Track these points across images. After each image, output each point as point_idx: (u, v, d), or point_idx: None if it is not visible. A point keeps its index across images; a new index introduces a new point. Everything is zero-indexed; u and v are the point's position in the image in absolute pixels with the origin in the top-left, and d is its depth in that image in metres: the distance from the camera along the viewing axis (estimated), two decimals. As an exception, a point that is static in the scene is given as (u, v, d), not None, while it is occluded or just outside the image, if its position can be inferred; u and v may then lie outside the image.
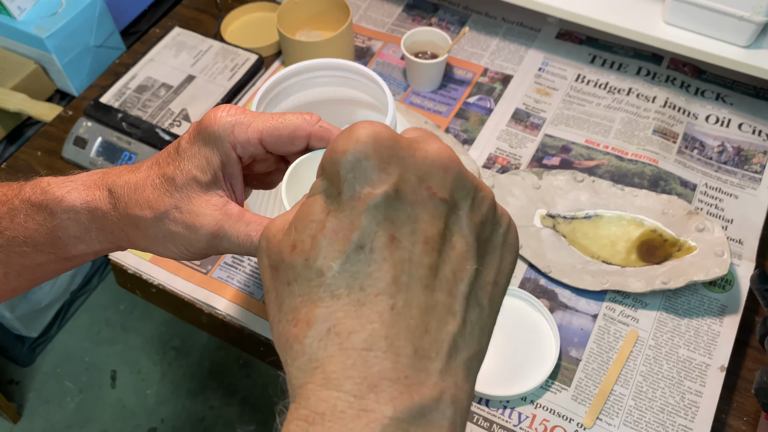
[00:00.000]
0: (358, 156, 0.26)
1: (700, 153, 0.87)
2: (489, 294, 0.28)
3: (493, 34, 1.03)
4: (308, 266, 0.26)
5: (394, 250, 0.25)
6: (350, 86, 0.63)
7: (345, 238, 0.25)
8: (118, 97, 0.95)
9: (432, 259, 0.26)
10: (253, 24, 1.07)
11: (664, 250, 0.76)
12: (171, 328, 1.60)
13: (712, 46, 0.85)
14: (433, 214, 0.26)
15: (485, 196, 0.28)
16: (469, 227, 0.27)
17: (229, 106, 0.38)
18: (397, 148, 0.26)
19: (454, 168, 0.27)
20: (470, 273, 0.27)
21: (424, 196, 0.26)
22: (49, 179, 0.41)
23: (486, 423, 0.68)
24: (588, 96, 0.94)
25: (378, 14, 1.07)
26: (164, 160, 0.39)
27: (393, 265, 0.25)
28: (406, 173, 0.26)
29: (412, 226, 0.26)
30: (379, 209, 0.25)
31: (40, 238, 0.41)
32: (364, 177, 0.26)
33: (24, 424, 1.48)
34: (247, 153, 0.38)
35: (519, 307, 0.74)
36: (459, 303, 0.26)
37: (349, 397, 0.24)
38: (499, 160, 0.88)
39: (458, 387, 0.26)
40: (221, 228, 0.37)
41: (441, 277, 0.26)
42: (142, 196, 0.38)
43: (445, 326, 0.26)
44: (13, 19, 1.01)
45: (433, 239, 0.26)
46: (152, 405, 1.50)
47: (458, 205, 0.27)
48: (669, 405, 0.68)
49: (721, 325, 0.73)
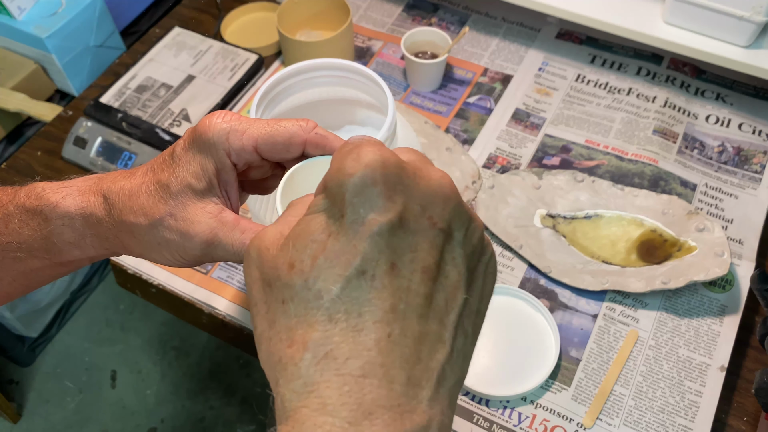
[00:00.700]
0: (366, 181, 0.26)
1: (700, 153, 0.87)
2: (473, 322, 0.29)
3: (493, 34, 1.03)
4: (307, 287, 0.26)
5: (394, 278, 0.26)
6: (350, 86, 0.63)
7: (347, 262, 0.25)
8: (118, 97, 0.95)
9: (428, 288, 0.26)
10: (253, 24, 1.07)
11: (664, 250, 0.76)
12: (171, 328, 1.60)
13: (712, 46, 0.85)
14: (431, 243, 0.27)
15: (477, 226, 0.29)
16: (462, 257, 0.28)
17: (225, 112, 0.38)
18: (404, 175, 0.26)
19: (454, 198, 0.27)
20: (460, 302, 0.27)
21: (425, 225, 0.26)
22: (44, 184, 0.41)
23: (486, 423, 0.68)
24: (588, 96, 0.94)
25: (378, 14, 1.07)
26: (159, 167, 0.39)
27: (392, 293, 0.26)
28: (410, 202, 0.26)
29: (412, 255, 0.26)
30: (383, 237, 0.26)
31: (35, 243, 0.41)
32: (370, 203, 0.26)
33: (24, 424, 1.48)
34: (242, 160, 0.38)
35: (519, 307, 0.74)
36: (449, 332, 0.27)
37: (344, 424, 0.24)
38: (499, 160, 0.88)
39: (444, 414, 0.26)
40: (216, 236, 0.37)
41: (434, 306, 0.27)
42: (136, 203, 0.38)
43: (435, 354, 0.26)
44: (13, 19, 1.01)
45: (430, 268, 0.26)
46: (152, 405, 1.50)
47: (453, 235, 0.27)
48: (669, 405, 0.68)
49: (721, 325, 0.73)
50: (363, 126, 0.67)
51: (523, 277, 0.77)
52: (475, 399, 0.70)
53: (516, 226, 0.80)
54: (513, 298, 0.74)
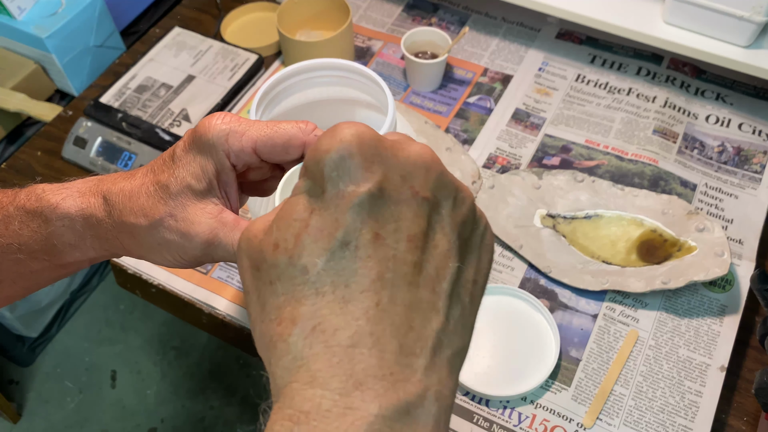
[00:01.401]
0: (343, 154, 0.26)
1: (700, 153, 0.87)
2: (470, 292, 0.28)
3: (493, 34, 1.03)
4: (292, 264, 0.26)
5: (379, 247, 0.26)
6: (350, 86, 0.63)
7: (329, 235, 0.26)
8: (118, 97, 0.95)
9: (416, 257, 0.26)
10: (253, 24, 1.07)
11: (664, 250, 0.76)
12: (171, 328, 1.60)
13: (712, 46, 0.85)
14: (416, 212, 0.26)
15: (466, 196, 0.29)
16: (451, 226, 0.27)
17: (224, 113, 0.38)
18: (381, 147, 0.27)
19: (436, 168, 0.27)
20: (452, 271, 0.27)
21: (408, 194, 0.26)
22: (44, 186, 0.41)
23: (486, 423, 0.68)
24: (588, 96, 0.94)
25: (378, 14, 1.07)
26: (159, 168, 0.39)
27: (378, 262, 0.25)
28: (389, 172, 0.26)
29: (396, 224, 0.26)
30: (364, 207, 0.26)
31: (35, 245, 0.41)
32: (348, 175, 0.26)
33: (24, 424, 1.48)
34: (242, 161, 0.38)
35: (519, 307, 0.74)
36: (442, 300, 0.27)
37: (335, 395, 0.24)
38: (499, 160, 0.88)
39: (442, 383, 0.26)
40: (216, 236, 0.37)
41: (424, 274, 0.26)
42: (136, 204, 0.38)
43: (429, 323, 0.26)
44: (13, 19, 1.01)
45: (416, 237, 0.26)
46: (152, 405, 1.50)
47: (440, 204, 0.27)
48: (669, 405, 0.68)
49: (721, 325, 0.73)
50: (363, 126, 0.68)
51: (523, 277, 0.77)
52: (475, 399, 0.70)
53: (516, 226, 0.80)
54: (513, 298, 0.74)
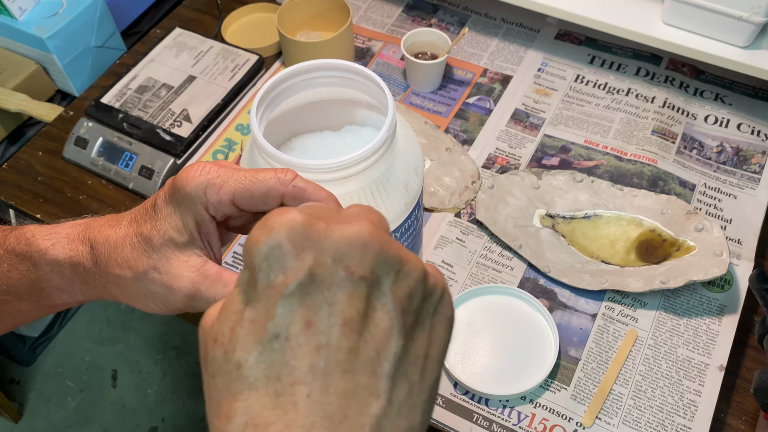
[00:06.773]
0: (271, 244, 0.26)
1: (699, 153, 0.87)
2: (420, 367, 0.27)
3: (492, 34, 1.03)
4: (227, 359, 0.26)
5: (311, 336, 0.25)
6: (350, 87, 0.63)
7: (261, 328, 0.25)
8: (119, 97, 0.95)
9: (351, 341, 0.25)
10: (253, 24, 1.07)
11: (663, 249, 0.76)
12: (172, 327, 1.60)
13: (711, 47, 0.85)
14: (351, 293, 0.26)
15: (412, 268, 0.27)
16: (394, 302, 0.26)
17: (204, 164, 0.38)
18: (312, 232, 0.26)
19: (374, 244, 0.26)
20: (395, 350, 0.26)
21: (342, 276, 0.26)
22: (34, 229, 0.41)
23: (486, 422, 0.68)
24: (587, 96, 0.94)
25: (378, 15, 1.07)
26: (142, 218, 0.39)
27: (309, 351, 0.25)
28: (321, 256, 0.26)
29: (330, 309, 0.25)
30: (294, 296, 0.25)
31: (23, 287, 0.41)
32: (277, 265, 0.26)
33: (25, 424, 1.49)
34: (220, 213, 0.38)
35: (518, 307, 0.74)
36: (383, 383, 0.26)
37: None
38: (499, 160, 0.88)
39: None
40: (198, 290, 0.38)
41: (363, 358, 0.26)
42: (121, 256, 0.38)
43: (367, 409, 0.25)
44: (14, 19, 1.02)
45: (351, 320, 0.26)
46: (153, 404, 1.50)
47: (380, 280, 0.26)
48: (668, 404, 0.68)
49: (720, 325, 0.73)
50: (363, 126, 0.68)
51: (523, 277, 0.78)
52: (474, 398, 0.70)
53: (515, 226, 0.80)
54: (512, 298, 0.75)
